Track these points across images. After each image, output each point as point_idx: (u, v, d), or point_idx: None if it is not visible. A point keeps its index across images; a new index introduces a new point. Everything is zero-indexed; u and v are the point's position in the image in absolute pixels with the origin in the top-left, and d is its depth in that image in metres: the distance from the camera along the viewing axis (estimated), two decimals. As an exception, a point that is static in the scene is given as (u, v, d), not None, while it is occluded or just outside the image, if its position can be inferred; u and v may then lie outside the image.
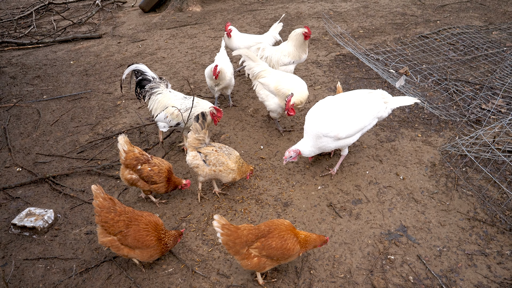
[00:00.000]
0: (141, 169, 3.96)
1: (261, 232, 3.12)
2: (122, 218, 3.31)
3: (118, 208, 3.34)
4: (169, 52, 8.39)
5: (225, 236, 3.05)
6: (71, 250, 3.85)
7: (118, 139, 4.02)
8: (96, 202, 3.30)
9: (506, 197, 3.98)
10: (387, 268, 3.42)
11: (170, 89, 4.96)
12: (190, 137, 4.11)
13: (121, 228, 3.28)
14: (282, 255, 3.11)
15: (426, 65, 6.55)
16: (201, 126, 4.05)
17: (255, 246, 3.09)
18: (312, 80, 6.47)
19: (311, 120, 4.09)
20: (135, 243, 3.29)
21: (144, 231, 3.32)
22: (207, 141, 4.14)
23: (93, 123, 5.98)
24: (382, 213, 3.95)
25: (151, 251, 3.37)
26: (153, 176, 3.95)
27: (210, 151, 4.07)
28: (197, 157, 4.08)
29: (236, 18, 10.07)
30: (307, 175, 4.52)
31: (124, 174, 4.05)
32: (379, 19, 8.85)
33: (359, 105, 4.07)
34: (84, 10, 12.51)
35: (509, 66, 6.26)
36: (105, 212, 3.29)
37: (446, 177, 4.30)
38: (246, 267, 3.16)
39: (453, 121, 5.10)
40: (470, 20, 8.29)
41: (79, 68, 8.09)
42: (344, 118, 4.00)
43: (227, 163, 4.01)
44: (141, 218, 3.38)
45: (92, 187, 3.34)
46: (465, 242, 3.59)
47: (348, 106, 4.07)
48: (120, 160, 4.08)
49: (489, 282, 3.23)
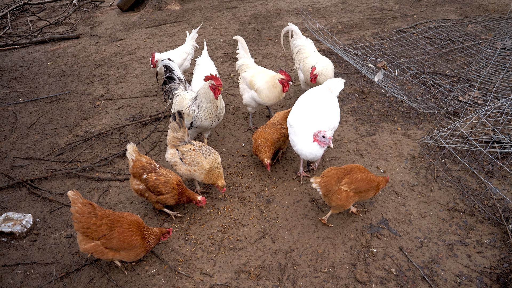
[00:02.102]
0: (147, 178, 3.81)
1: (345, 171, 3.62)
2: (105, 222, 3.25)
3: (99, 212, 3.27)
4: (148, 51, 8.29)
5: (323, 185, 3.54)
6: (51, 255, 3.77)
7: (127, 148, 3.91)
8: (74, 209, 3.21)
9: (484, 187, 4.06)
10: (370, 261, 3.45)
11: (189, 90, 4.81)
12: (169, 135, 4.09)
13: (104, 231, 3.22)
14: (366, 187, 3.55)
15: (404, 59, 6.63)
16: (178, 125, 4.02)
17: (344, 182, 3.53)
18: (293, 76, 6.47)
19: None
20: (121, 244, 3.24)
21: (129, 232, 3.27)
22: (186, 139, 4.10)
23: (72, 124, 5.86)
24: (363, 206, 3.99)
25: (137, 250, 3.34)
26: (159, 185, 3.78)
27: (187, 149, 4.03)
28: (175, 155, 4.06)
29: (215, 16, 10.01)
30: (289, 171, 4.52)
31: (133, 184, 3.92)
32: (358, 14, 8.92)
33: (325, 104, 4.16)
34: (61, 10, 12.25)
35: (484, 58, 6.38)
36: (86, 217, 3.21)
37: (425, 169, 4.36)
38: (335, 203, 3.54)
39: (431, 114, 5.17)
40: (446, 13, 8.42)
41: (56, 69, 7.92)
42: (320, 116, 4.04)
43: (202, 164, 3.97)
44: (123, 219, 3.34)
45: (68, 193, 3.25)
46: (445, 232, 3.65)
47: (319, 106, 4.14)
48: (129, 170, 3.97)
49: (470, 271, 3.29)
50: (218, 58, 7.54)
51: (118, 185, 4.55)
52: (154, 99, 6.33)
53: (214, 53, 7.76)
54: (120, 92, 6.70)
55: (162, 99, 6.25)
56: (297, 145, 3.95)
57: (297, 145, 3.95)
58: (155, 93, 6.50)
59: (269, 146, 4.28)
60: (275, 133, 4.38)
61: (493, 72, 5.95)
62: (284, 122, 4.46)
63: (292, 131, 4.03)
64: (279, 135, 4.39)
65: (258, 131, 4.44)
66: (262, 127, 4.49)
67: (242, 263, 3.52)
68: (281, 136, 4.40)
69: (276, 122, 4.52)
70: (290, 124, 4.10)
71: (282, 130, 4.43)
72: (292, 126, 4.03)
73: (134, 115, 5.94)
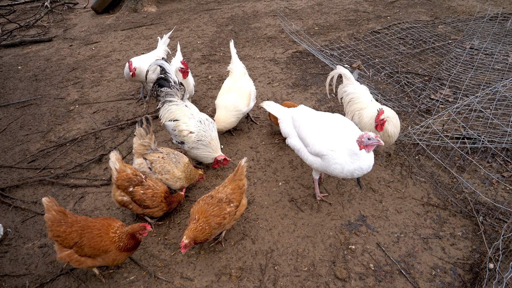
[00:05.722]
0: (133, 191, 3.63)
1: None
2: (75, 229, 3.13)
3: (69, 219, 3.15)
4: (124, 54, 8.17)
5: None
6: (24, 266, 3.65)
7: (109, 156, 3.70)
8: (48, 216, 3.11)
9: (456, 181, 4.19)
10: (349, 257, 3.51)
11: (187, 102, 4.54)
12: (135, 142, 3.95)
13: (75, 239, 3.11)
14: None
15: (379, 59, 6.77)
16: (145, 131, 3.91)
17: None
18: (270, 77, 6.52)
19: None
20: (92, 251, 3.13)
21: (98, 237, 3.14)
22: (153, 146, 4.01)
23: (45, 130, 5.72)
24: (342, 204, 4.05)
25: (112, 255, 3.19)
26: (146, 200, 3.64)
27: (156, 158, 3.94)
28: (143, 164, 3.95)
29: (192, 18, 9.97)
30: (268, 172, 4.55)
31: (115, 195, 3.72)
32: (333, 16, 9.06)
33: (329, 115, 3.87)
34: (32, 12, 11.95)
35: (454, 58, 6.59)
36: (56, 225, 3.10)
37: (400, 166, 4.47)
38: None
39: (405, 112, 5.30)
40: (417, 15, 8.66)
41: (28, 73, 7.71)
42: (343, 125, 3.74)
43: (173, 172, 3.91)
44: (94, 225, 3.19)
45: (43, 200, 3.14)
46: (420, 226, 3.75)
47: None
48: (112, 180, 3.75)
49: (444, 263, 3.39)
50: (196, 60, 7.51)
51: (95, 191, 4.47)
52: (130, 102, 6.25)
53: (192, 55, 7.73)
54: (96, 96, 6.58)
55: (139, 103, 6.18)
56: (344, 169, 3.42)
57: (344, 168, 3.42)
58: (132, 97, 6.41)
59: (206, 229, 3.31)
60: (217, 215, 3.34)
61: (463, 71, 6.15)
62: (235, 197, 3.47)
63: (329, 158, 3.46)
64: (222, 218, 3.36)
65: (200, 205, 3.41)
66: (205, 200, 3.45)
67: (222, 265, 3.51)
68: (224, 219, 3.37)
69: (224, 197, 3.44)
70: (323, 153, 3.49)
71: (229, 208, 3.41)
72: (326, 155, 3.48)
73: (110, 119, 5.84)
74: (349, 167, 3.39)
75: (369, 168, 3.41)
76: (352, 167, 3.39)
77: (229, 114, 4.80)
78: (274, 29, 8.62)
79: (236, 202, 3.46)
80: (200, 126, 4.31)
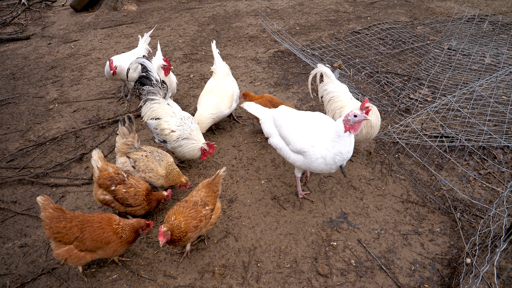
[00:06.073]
0: (115, 190, 3.62)
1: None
2: (75, 224, 3.14)
3: (68, 215, 3.17)
4: (104, 52, 8.06)
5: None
6: (4, 266, 3.58)
7: (92, 154, 3.67)
8: (45, 214, 3.08)
9: (434, 179, 4.30)
10: (331, 254, 3.56)
11: (169, 101, 4.52)
12: (118, 141, 3.93)
13: (76, 234, 3.12)
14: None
15: (359, 59, 6.88)
16: (128, 130, 3.89)
17: None
18: (252, 76, 6.54)
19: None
20: (94, 244, 3.15)
21: (100, 230, 3.19)
22: (136, 145, 4.00)
23: (24, 129, 5.59)
24: (323, 202, 4.10)
25: (113, 246, 3.24)
26: (128, 198, 3.63)
27: (139, 156, 3.93)
28: (126, 163, 3.93)
29: (173, 17, 9.91)
30: (251, 170, 4.57)
31: (97, 194, 3.69)
32: (314, 16, 9.15)
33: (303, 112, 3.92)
34: (9, 9, 11.65)
35: (432, 58, 6.75)
36: (55, 222, 3.09)
37: (381, 164, 4.55)
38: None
39: (385, 111, 5.41)
40: (397, 16, 8.82)
41: (5, 72, 7.53)
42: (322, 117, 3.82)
43: (156, 170, 3.90)
44: (93, 218, 3.25)
45: (38, 199, 3.08)
46: (400, 223, 3.83)
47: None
48: (93, 178, 3.74)
49: (423, 259, 3.48)
50: (177, 59, 7.47)
51: (76, 191, 4.40)
52: (111, 101, 6.17)
53: (173, 54, 7.68)
54: (75, 94, 6.47)
55: (120, 102, 6.11)
56: (327, 159, 3.42)
57: (326, 158, 3.42)
58: (113, 95, 6.33)
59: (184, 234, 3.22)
60: (194, 217, 3.27)
61: (441, 71, 6.31)
62: (210, 200, 3.41)
63: (311, 154, 3.49)
64: (198, 220, 3.28)
65: (175, 208, 3.35)
66: (180, 204, 3.40)
67: (205, 263, 3.51)
68: (200, 222, 3.29)
69: (199, 200, 3.39)
70: (304, 150, 3.52)
71: (205, 211, 3.34)
72: (307, 151, 3.50)
73: (91, 118, 5.76)
74: (330, 154, 3.38)
75: (349, 154, 3.38)
76: (332, 153, 3.37)
77: (210, 115, 4.80)
78: (255, 29, 8.65)
79: (211, 205, 3.41)
80: (181, 123, 4.31)
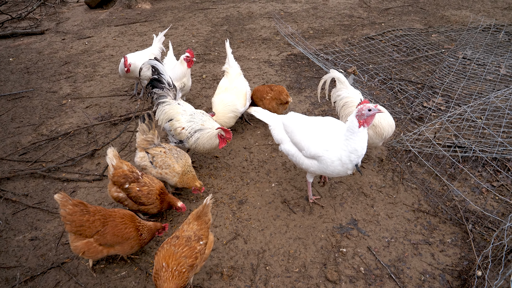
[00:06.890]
0: (129, 188, 3.64)
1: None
2: (97, 217, 3.19)
3: (90, 209, 3.21)
4: (117, 49, 8.11)
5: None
6: (14, 258, 3.61)
7: (107, 152, 3.70)
8: (65, 211, 3.09)
9: (446, 189, 4.26)
10: (340, 260, 3.54)
11: (180, 100, 4.52)
12: (138, 137, 3.99)
13: (98, 227, 3.16)
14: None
15: (373, 65, 6.84)
16: (148, 127, 3.96)
17: None
18: (265, 79, 6.54)
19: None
20: (115, 239, 3.19)
21: (122, 225, 3.24)
22: (156, 141, 4.04)
23: (37, 123, 5.64)
24: (334, 207, 4.08)
25: (131, 242, 3.29)
26: (141, 197, 3.65)
27: (158, 152, 3.96)
28: (145, 158, 3.97)
29: (187, 17, 9.95)
30: (261, 173, 4.56)
31: (111, 191, 3.73)
32: (328, 20, 9.13)
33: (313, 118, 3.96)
34: (24, 4, 11.79)
35: (447, 67, 6.70)
36: (79, 215, 3.12)
37: (392, 172, 4.52)
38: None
39: (398, 119, 5.37)
40: (411, 23, 8.77)
41: (19, 66, 7.61)
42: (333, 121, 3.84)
43: (173, 166, 3.92)
44: (115, 213, 3.30)
45: (55, 197, 3.09)
46: (410, 232, 3.79)
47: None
48: (108, 176, 3.77)
49: (433, 269, 3.44)
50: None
51: (86, 186, 4.42)
52: (124, 98, 6.20)
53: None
54: (88, 91, 6.52)
55: (133, 100, 6.14)
56: (342, 159, 3.39)
57: (342, 159, 3.39)
58: (125, 93, 6.37)
59: (179, 275, 2.84)
60: (189, 256, 2.91)
61: (455, 80, 6.25)
62: (204, 233, 3.10)
63: (325, 158, 3.45)
64: (194, 258, 2.93)
65: (165, 250, 2.94)
66: (170, 242, 3.00)
67: (214, 264, 3.51)
68: (196, 259, 2.95)
69: (193, 235, 3.04)
70: (319, 155, 3.48)
71: (199, 247, 3.01)
72: (322, 156, 3.47)
73: (103, 114, 5.79)
74: (345, 153, 3.34)
75: (363, 150, 3.32)
76: (347, 152, 3.32)
77: (227, 109, 4.80)
78: (269, 31, 8.65)
79: (205, 239, 3.10)
80: (191, 118, 4.32)
